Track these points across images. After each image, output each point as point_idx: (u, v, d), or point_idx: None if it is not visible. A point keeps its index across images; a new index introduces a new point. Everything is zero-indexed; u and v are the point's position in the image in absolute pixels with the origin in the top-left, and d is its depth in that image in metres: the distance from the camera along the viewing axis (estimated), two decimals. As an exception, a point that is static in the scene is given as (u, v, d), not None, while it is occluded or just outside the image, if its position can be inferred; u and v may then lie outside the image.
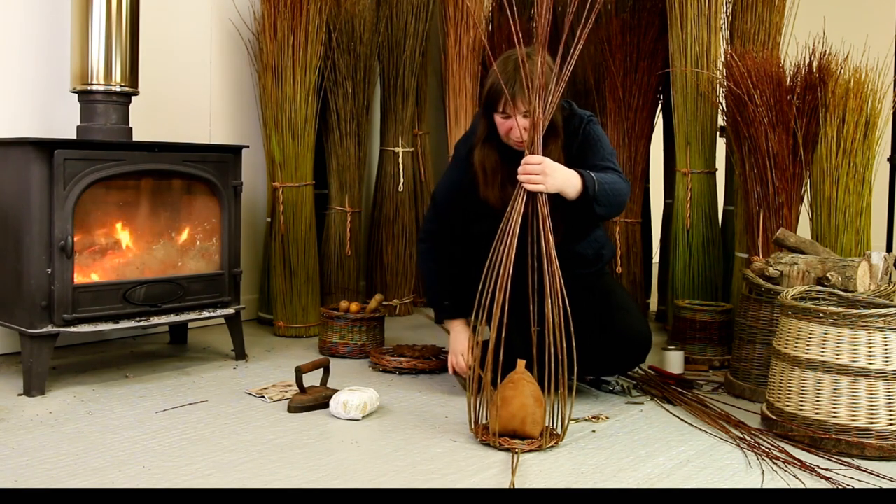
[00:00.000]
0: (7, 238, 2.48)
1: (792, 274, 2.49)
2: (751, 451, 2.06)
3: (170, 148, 2.68)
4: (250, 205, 3.46)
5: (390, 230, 3.77)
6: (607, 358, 2.44)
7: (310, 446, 2.04)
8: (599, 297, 2.48)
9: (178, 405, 2.34)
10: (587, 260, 2.51)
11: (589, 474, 1.89)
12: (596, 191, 2.20)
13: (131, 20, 2.69)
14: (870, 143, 2.79)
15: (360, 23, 3.50)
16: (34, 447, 1.98)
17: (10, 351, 2.83)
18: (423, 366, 2.75)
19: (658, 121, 3.64)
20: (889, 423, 2.03)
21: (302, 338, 3.27)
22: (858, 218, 2.80)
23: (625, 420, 2.30)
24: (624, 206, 2.35)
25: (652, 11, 3.41)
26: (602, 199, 2.22)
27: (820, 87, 2.80)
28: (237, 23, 3.42)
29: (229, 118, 3.44)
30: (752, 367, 2.56)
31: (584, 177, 2.20)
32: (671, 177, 3.58)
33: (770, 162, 2.85)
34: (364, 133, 3.60)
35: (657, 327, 3.63)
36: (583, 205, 2.22)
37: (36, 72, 2.86)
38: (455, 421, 2.25)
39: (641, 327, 2.44)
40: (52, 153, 2.39)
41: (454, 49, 3.77)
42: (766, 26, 3.17)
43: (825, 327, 2.08)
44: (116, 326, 2.53)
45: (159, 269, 2.72)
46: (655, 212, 3.86)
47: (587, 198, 2.20)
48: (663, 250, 3.67)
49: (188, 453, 1.97)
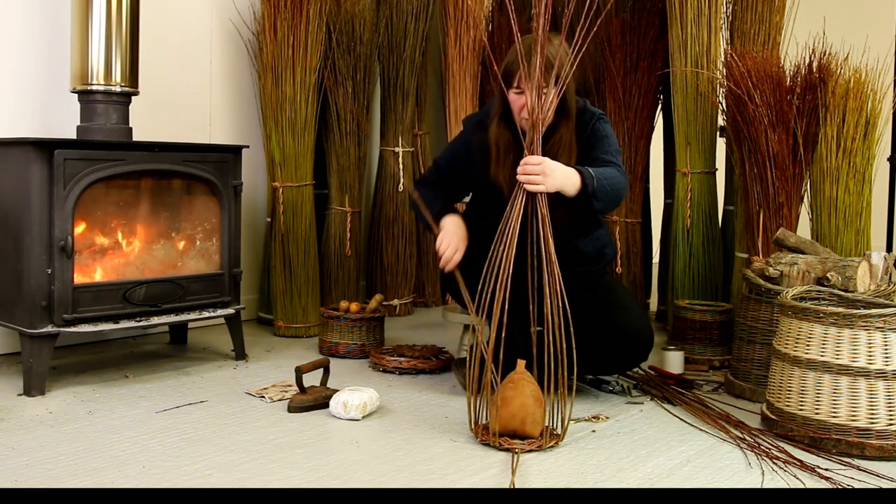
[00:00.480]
0: (7, 238, 2.48)
1: (792, 274, 2.49)
2: (751, 451, 2.06)
3: (170, 148, 2.67)
4: (250, 205, 3.46)
5: (390, 230, 3.77)
6: (609, 356, 2.43)
7: (310, 446, 2.04)
8: (600, 295, 2.48)
9: (178, 405, 2.34)
10: (589, 257, 2.51)
11: (589, 474, 1.89)
12: (595, 187, 2.22)
13: (131, 20, 2.69)
14: (870, 143, 2.79)
15: (360, 23, 3.50)
16: (34, 447, 1.98)
17: (10, 351, 2.83)
18: (423, 366, 2.75)
19: (658, 121, 3.64)
20: (889, 423, 2.03)
21: (302, 338, 3.27)
22: (858, 218, 2.80)
23: (625, 420, 2.30)
24: (622, 200, 2.37)
25: (652, 11, 3.41)
26: (601, 195, 2.24)
27: (820, 87, 2.80)
28: (237, 23, 3.42)
29: (229, 118, 3.44)
30: (752, 367, 2.56)
31: (582, 174, 2.21)
32: (671, 177, 3.58)
33: (770, 162, 2.85)
34: (364, 133, 3.60)
35: (657, 327, 3.63)
36: (582, 201, 2.23)
37: (36, 72, 2.86)
38: (455, 421, 2.25)
39: (642, 325, 2.44)
40: (52, 153, 2.39)
41: (454, 49, 3.77)
42: (766, 26, 3.17)
43: (825, 327, 2.08)
44: (116, 326, 2.53)
45: (159, 269, 2.72)
46: (655, 212, 3.86)
47: (586, 194, 2.21)
48: (663, 250, 3.67)
49: (188, 453, 1.97)
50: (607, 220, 3.51)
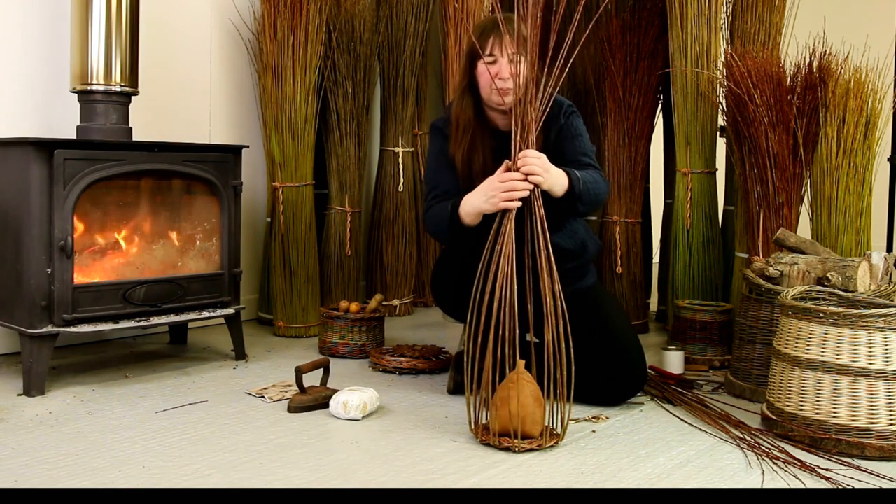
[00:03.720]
0: (7, 238, 2.48)
1: (792, 274, 2.49)
2: (751, 451, 2.06)
3: (170, 148, 2.67)
4: (250, 205, 3.46)
5: (390, 230, 3.77)
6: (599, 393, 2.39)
7: (310, 446, 2.04)
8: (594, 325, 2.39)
9: (178, 405, 2.34)
10: (571, 253, 2.42)
11: (589, 474, 1.89)
12: (581, 190, 2.22)
13: (131, 20, 2.69)
14: (870, 143, 2.79)
15: (360, 23, 3.50)
16: (34, 447, 1.98)
17: (10, 351, 2.83)
18: (423, 366, 2.75)
19: (658, 121, 3.64)
20: (889, 423, 2.03)
21: (302, 338, 3.27)
22: (858, 218, 2.80)
23: (625, 420, 2.30)
24: (602, 204, 2.36)
25: (652, 11, 3.40)
26: (585, 199, 2.24)
27: (820, 87, 2.80)
28: (237, 23, 3.42)
29: (229, 118, 3.44)
30: (752, 367, 2.56)
31: (570, 176, 2.20)
32: (671, 177, 3.58)
33: (770, 162, 2.85)
34: (364, 133, 3.60)
35: (657, 327, 3.64)
36: (566, 203, 2.22)
37: (36, 72, 2.86)
38: (455, 421, 2.25)
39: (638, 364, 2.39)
40: (52, 153, 2.39)
41: (454, 49, 3.77)
42: (766, 26, 3.17)
43: (825, 327, 2.08)
44: (116, 326, 2.53)
45: (159, 269, 2.72)
46: (655, 212, 3.86)
47: (572, 196, 2.21)
48: (663, 250, 3.67)
49: (188, 453, 1.97)
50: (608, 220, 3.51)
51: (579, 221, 2.51)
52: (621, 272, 3.49)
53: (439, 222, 2.32)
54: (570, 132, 2.39)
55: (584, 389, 2.31)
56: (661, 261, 3.74)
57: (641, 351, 2.42)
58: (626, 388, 2.40)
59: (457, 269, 2.35)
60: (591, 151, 2.40)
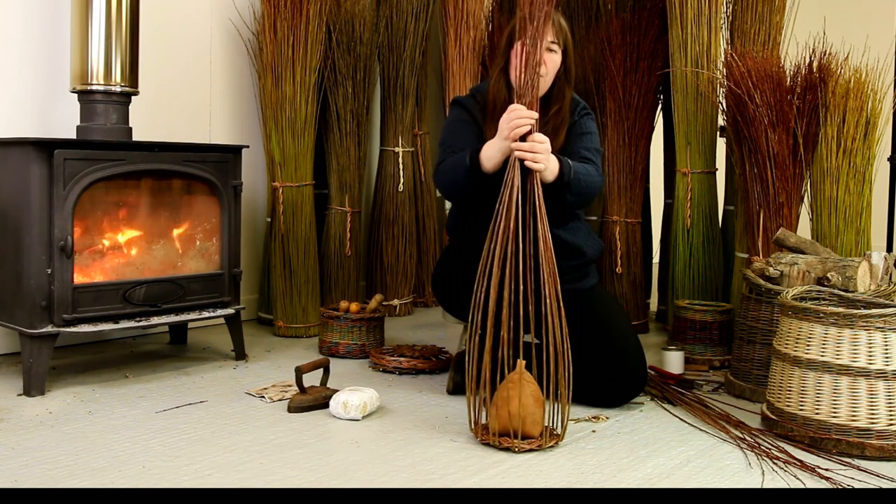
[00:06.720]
0: (7, 238, 2.48)
1: (792, 274, 2.49)
2: (751, 451, 2.06)
3: (170, 148, 2.67)
4: (250, 205, 3.46)
5: (390, 230, 3.77)
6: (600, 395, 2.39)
7: (310, 446, 2.04)
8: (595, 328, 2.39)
9: (178, 405, 2.34)
10: (572, 247, 2.41)
11: (589, 474, 1.89)
12: (571, 178, 2.23)
13: (131, 20, 2.69)
14: (870, 143, 2.79)
15: (360, 23, 3.50)
16: (34, 447, 1.98)
17: (10, 351, 2.83)
18: (423, 366, 2.75)
19: (658, 121, 3.64)
20: (889, 423, 2.03)
21: (302, 338, 3.27)
22: (858, 218, 2.80)
23: (625, 420, 2.30)
24: (593, 199, 2.38)
25: (652, 11, 3.41)
26: (574, 188, 2.25)
27: (820, 87, 2.80)
28: (237, 23, 3.42)
29: (229, 118, 3.44)
30: (752, 367, 2.56)
31: (561, 162, 2.21)
32: (671, 177, 3.58)
33: (770, 162, 2.85)
34: (364, 133, 3.60)
35: (657, 327, 3.64)
36: (555, 190, 2.22)
37: (36, 72, 2.86)
38: (455, 421, 2.25)
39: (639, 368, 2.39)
40: (51, 153, 2.39)
41: (454, 49, 3.77)
42: (766, 26, 3.17)
43: (825, 327, 2.08)
44: (116, 326, 2.53)
45: (159, 269, 2.72)
46: (655, 212, 3.86)
47: (561, 183, 2.21)
48: (663, 250, 3.67)
49: (188, 453, 1.97)
50: (608, 220, 3.51)
51: (581, 220, 2.52)
52: (621, 272, 3.49)
53: (455, 169, 2.30)
54: (579, 129, 2.42)
55: (584, 391, 2.32)
56: (661, 261, 3.74)
57: (642, 353, 2.42)
58: (626, 389, 2.40)
59: (459, 267, 2.35)
60: (596, 151, 2.41)
